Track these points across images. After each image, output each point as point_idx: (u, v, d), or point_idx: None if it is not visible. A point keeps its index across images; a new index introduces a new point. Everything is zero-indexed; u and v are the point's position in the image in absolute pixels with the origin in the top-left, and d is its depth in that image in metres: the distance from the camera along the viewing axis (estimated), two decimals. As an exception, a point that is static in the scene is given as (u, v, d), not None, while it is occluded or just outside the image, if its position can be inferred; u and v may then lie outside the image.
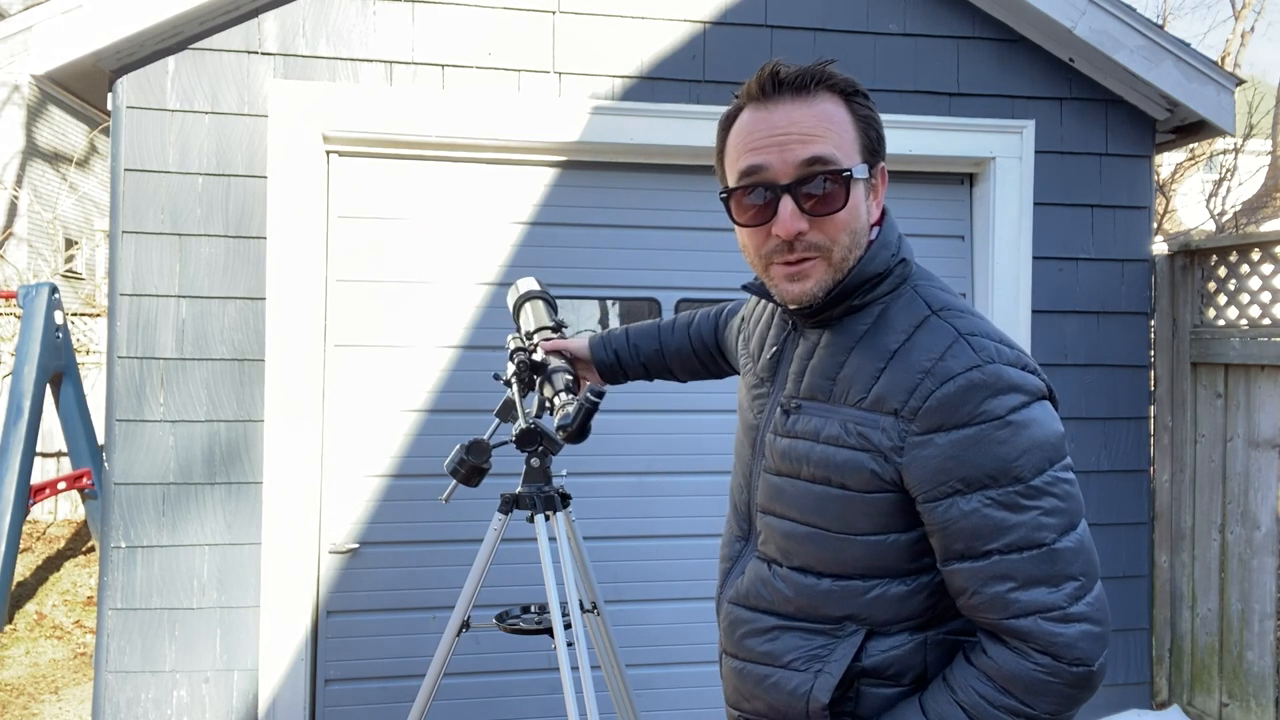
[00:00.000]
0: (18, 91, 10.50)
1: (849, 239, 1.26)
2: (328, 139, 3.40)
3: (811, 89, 1.24)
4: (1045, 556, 1.15)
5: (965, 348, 1.19)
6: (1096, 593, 1.18)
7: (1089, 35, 3.66)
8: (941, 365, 1.18)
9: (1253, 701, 3.65)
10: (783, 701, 1.30)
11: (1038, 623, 1.15)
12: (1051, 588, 1.15)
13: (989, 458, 1.14)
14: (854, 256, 1.27)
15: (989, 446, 1.14)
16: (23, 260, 10.00)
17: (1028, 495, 1.15)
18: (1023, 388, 1.17)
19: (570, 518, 2.44)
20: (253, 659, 3.29)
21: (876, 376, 1.22)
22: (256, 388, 3.30)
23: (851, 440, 1.23)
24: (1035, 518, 1.15)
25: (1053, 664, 1.15)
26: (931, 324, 1.23)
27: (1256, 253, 3.71)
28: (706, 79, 3.58)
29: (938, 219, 3.89)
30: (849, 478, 1.23)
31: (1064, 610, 1.15)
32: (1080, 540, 1.17)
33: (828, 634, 1.28)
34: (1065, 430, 1.22)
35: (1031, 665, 1.16)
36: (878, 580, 1.25)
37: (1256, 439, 3.64)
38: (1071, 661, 1.15)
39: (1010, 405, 1.15)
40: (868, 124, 1.29)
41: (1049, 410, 1.20)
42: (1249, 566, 3.66)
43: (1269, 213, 10.26)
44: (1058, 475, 1.16)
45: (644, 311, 3.72)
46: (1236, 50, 12.01)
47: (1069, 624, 1.15)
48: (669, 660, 3.62)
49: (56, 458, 7.03)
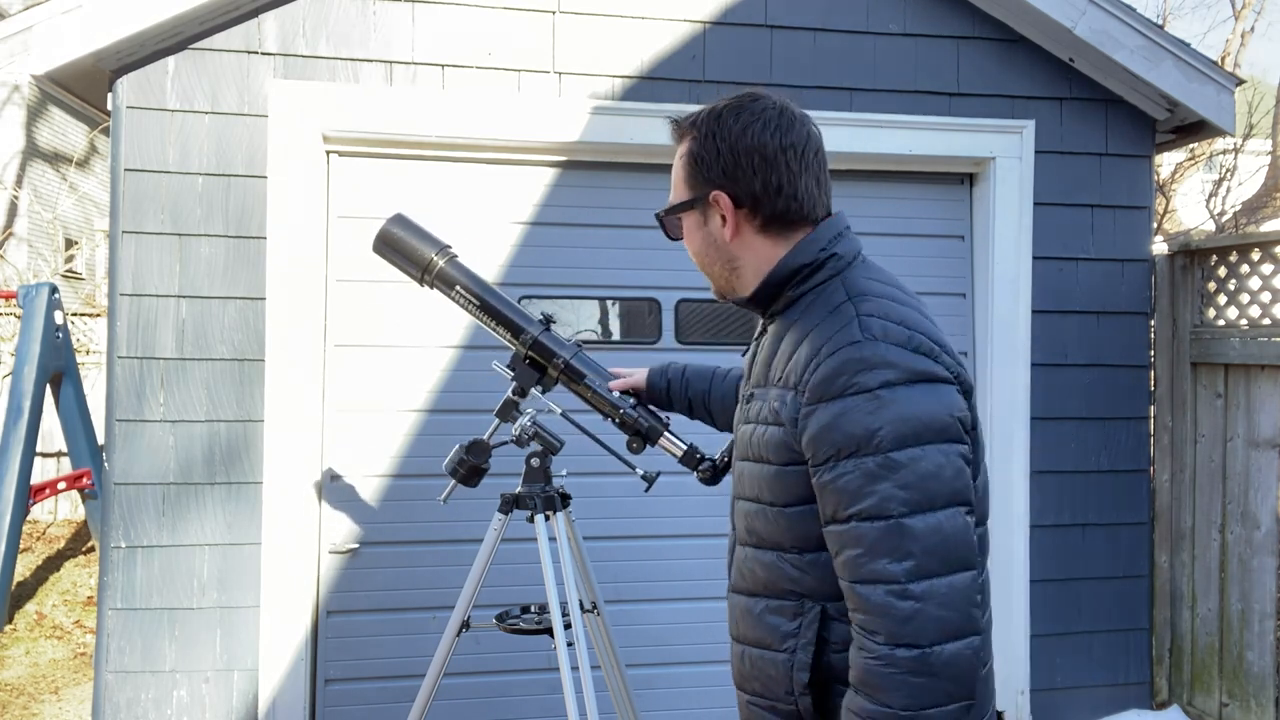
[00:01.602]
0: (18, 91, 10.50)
1: (699, 260, 1.50)
2: (328, 139, 3.40)
3: (677, 141, 1.48)
4: (894, 529, 1.19)
5: (854, 326, 1.28)
6: (949, 582, 1.19)
7: (1089, 35, 3.66)
8: (829, 343, 1.27)
9: (1253, 701, 3.65)
10: (772, 682, 1.38)
11: (876, 590, 1.19)
12: (894, 560, 1.18)
13: (856, 427, 1.21)
14: (714, 268, 1.49)
15: (856, 417, 1.22)
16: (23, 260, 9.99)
17: (885, 467, 1.20)
18: (897, 365, 1.24)
19: (570, 518, 2.45)
20: (253, 659, 3.29)
21: (790, 357, 1.34)
22: (256, 388, 3.30)
23: (771, 416, 1.35)
24: (889, 489, 1.19)
25: (884, 649, 1.18)
26: (841, 308, 1.32)
27: (1256, 253, 3.71)
28: (706, 79, 3.58)
29: (938, 219, 3.89)
30: (772, 452, 1.34)
31: (902, 586, 1.18)
32: (938, 523, 1.20)
33: (793, 613, 1.36)
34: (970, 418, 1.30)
35: (866, 655, 1.20)
36: (812, 553, 1.33)
37: (1256, 439, 3.64)
38: (900, 642, 1.17)
39: (881, 380, 1.22)
40: (693, 162, 1.43)
41: (930, 391, 1.25)
42: (1249, 566, 3.66)
43: (1269, 213, 10.26)
44: (923, 454, 1.20)
45: (644, 311, 3.72)
46: (1236, 50, 12.01)
47: (905, 600, 1.18)
48: (669, 660, 3.62)
49: (56, 458, 7.03)
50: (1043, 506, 3.79)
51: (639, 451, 2.26)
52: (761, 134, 1.38)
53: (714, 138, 1.40)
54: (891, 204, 3.83)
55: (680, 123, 1.46)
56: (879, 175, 3.81)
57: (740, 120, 1.39)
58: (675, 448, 2.21)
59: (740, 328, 3.82)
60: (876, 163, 3.75)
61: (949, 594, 1.19)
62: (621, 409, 2.22)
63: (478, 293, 2.35)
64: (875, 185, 3.83)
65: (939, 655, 1.17)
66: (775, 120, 1.39)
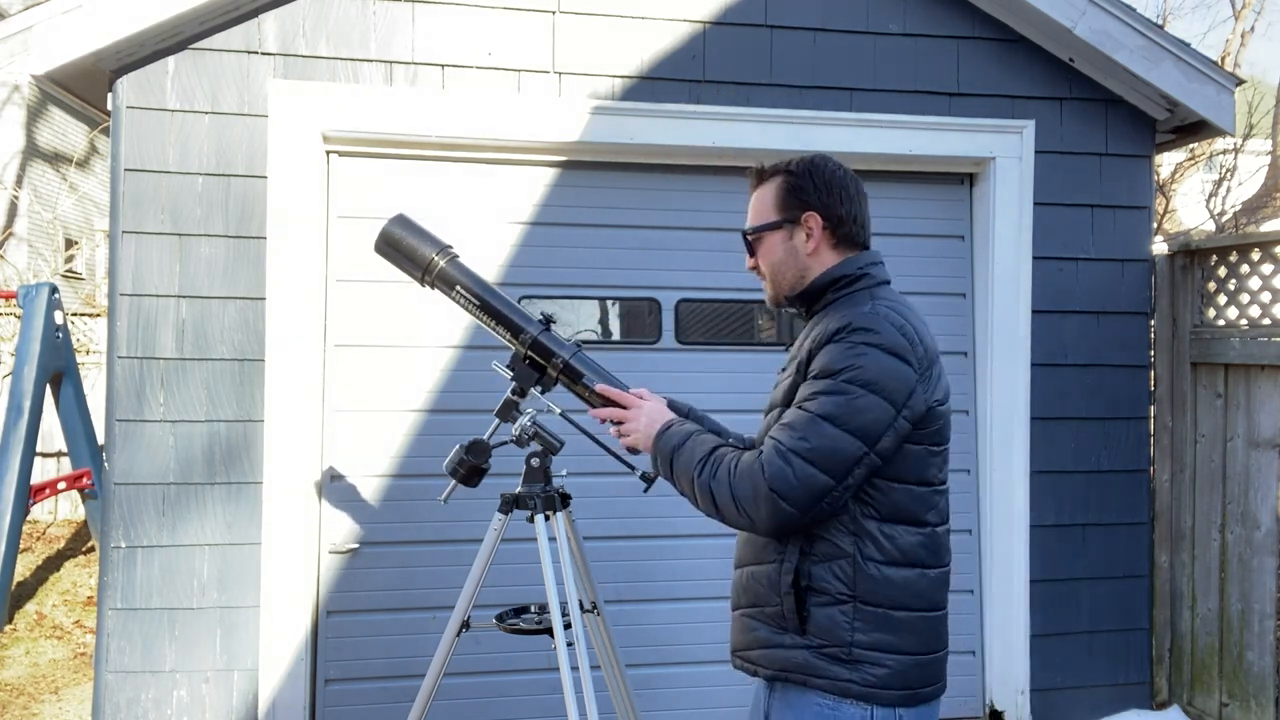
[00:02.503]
0: (18, 91, 10.50)
1: (768, 267, 1.90)
2: (328, 139, 3.40)
3: (759, 181, 1.92)
4: (811, 421, 1.65)
5: (866, 308, 1.74)
6: (813, 471, 1.63)
7: (1089, 35, 3.66)
8: (844, 317, 1.72)
9: (1253, 701, 3.65)
10: (762, 590, 1.78)
11: (769, 441, 1.68)
12: (797, 437, 1.65)
13: (836, 362, 1.67)
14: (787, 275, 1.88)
15: (840, 355, 1.67)
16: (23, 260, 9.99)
17: (836, 389, 1.65)
18: (881, 334, 1.67)
19: (570, 518, 2.45)
20: (253, 659, 3.29)
21: (816, 332, 1.76)
22: (256, 388, 3.30)
23: (792, 370, 1.78)
24: (827, 401, 1.65)
25: (758, 471, 1.67)
26: (859, 306, 1.76)
27: (1256, 253, 3.71)
28: (706, 79, 3.58)
29: (938, 219, 3.89)
30: (782, 395, 1.79)
31: (784, 448, 1.65)
32: (838, 436, 1.63)
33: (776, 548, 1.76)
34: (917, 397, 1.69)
35: (755, 464, 1.68)
36: None
37: (1256, 439, 3.64)
38: (765, 475, 1.65)
39: (864, 339, 1.67)
40: (788, 191, 1.86)
41: (894, 362, 1.66)
42: (1249, 566, 3.66)
43: (1269, 213, 10.25)
44: (863, 394, 1.63)
45: (644, 311, 3.72)
46: (1236, 50, 12.01)
47: (778, 456, 1.65)
48: (669, 660, 3.62)
49: (56, 458, 7.03)
50: (1043, 506, 3.79)
51: (638, 452, 2.25)
52: (844, 176, 1.87)
53: (812, 173, 1.85)
54: (891, 204, 3.83)
55: (766, 167, 1.90)
56: (879, 175, 3.81)
57: (830, 164, 1.88)
58: None
59: (739, 328, 3.82)
60: (876, 163, 3.75)
61: (805, 475, 1.63)
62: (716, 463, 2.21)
63: (478, 293, 2.35)
64: (875, 185, 3.78)
65: (773, 503, 1.64)
66: (848, 171, 1.89)
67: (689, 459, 1.79)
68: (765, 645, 1.78)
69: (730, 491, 1.69)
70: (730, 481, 1.70)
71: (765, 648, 1.78)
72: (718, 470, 1.73)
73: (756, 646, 1.80)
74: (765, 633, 1.78)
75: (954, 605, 3.82)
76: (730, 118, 3.57)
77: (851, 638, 1.68)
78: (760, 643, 1.79)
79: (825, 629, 1.70)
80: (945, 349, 3.80)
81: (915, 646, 1.71)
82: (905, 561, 1.70)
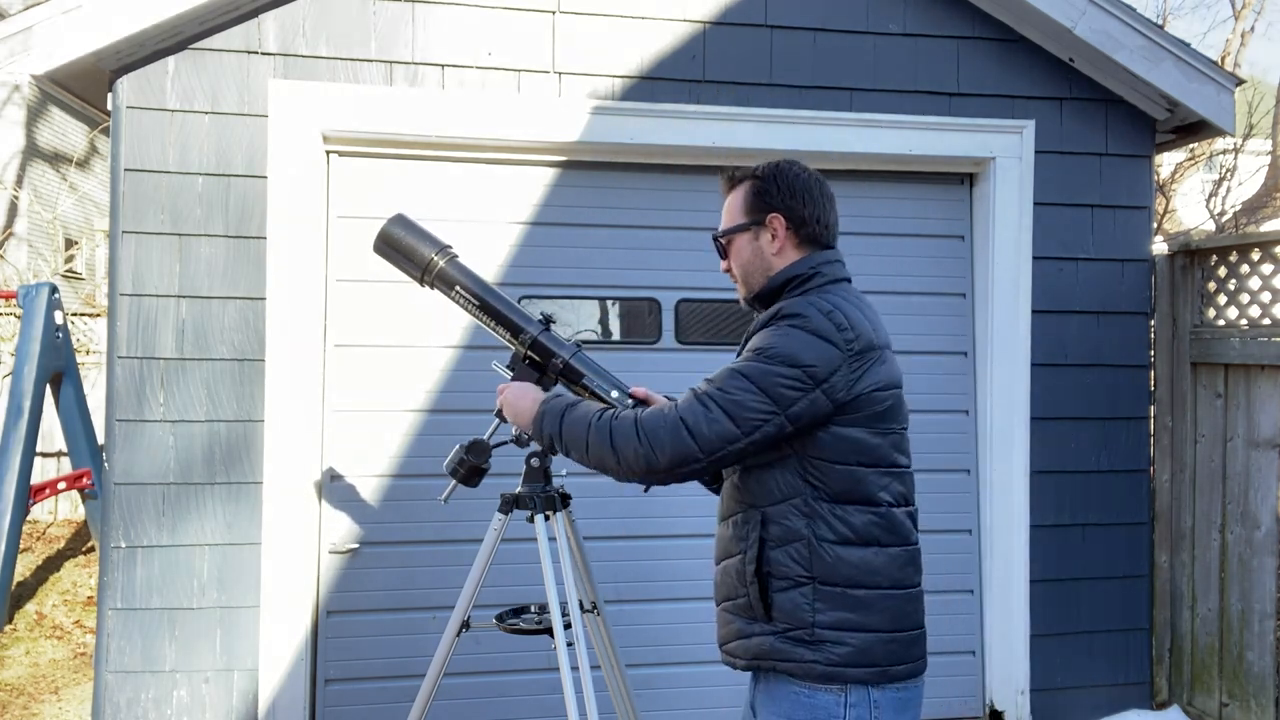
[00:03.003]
0: (18, 91, 10.49)
1: (739, 269, 1.98)
2: (328, 139, 3.40)
3: (730, 187, 2.01)
4: (729, 374, 1.76)
5: (801, 300, 1.83)
6: (715, 419, 1.73)
7: (1089, 35, 3.66)
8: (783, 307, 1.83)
9: (1253, 701, 3.65)
10: (733, 581, 1.85)
11: (690, 391, 1.80)
12: (710, 384, 1.76)
13: (764, 340, 1.78)
14: (756, 275, 1.95)
15: (770, 336, 1.78)
16: (23, 260, 9.98)
17: (758, 358, 1.75)
18: (807, 317, 1.77)
19: (570, 518, 2.45)
20: (253, 659, 3.29)
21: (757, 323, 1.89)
22: (256, 388, 3.30)
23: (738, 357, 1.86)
24: (748, 364, 1.75)
25: (669, 408, 1.78)
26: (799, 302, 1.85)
27: (1256, 253, 3.71)
28: (706, 79, 3.58)
29: (938, 219, 3.89)
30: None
31: (700, 392, 1.77)
32: (747, 390, 1.73)
33: (744, 521, 1.85)
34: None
35: (666, 404, 1.81)
36: (757, 469, 1.82)
37: (1256, 439, 3.64)
38: (677, 410, 1.76)
39: (791, 322, 1.77)
40: (753, 195, 1.95)
41: (813, 341, 1.75)
42: (1249, 566, 3.66)
43: (1269, 213, 10.25)
44: (778, 368, 1.72)
45: (644, 311, 3.72)
46: (1236, 50, 12.01)
47: (694, 398, 1.77)
48: (669, 660, 3.62)
49: (56, 458, 7.02)
50: (1043, 506, 3.79)
51: None
52: (809, 179, 1.95)
53: (777, 177, 1.93)
54: (891, 204, 3.83)
55: (736, 172, 1.99)
56: (879, 175, 3.81)
57: (794, 169, 1.95)
58: None
59: (739, 328, 3.81)
60: (876, 163, 3.75)
61: (714, 419, 1.73)
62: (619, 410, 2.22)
63: (477, 293, 2.35)
64: (875, 185, 3.83)
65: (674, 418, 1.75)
66: (813, 174, 1.97)
67: (585, 410, 1.88)
68: (739, 636, 1.84)
69: (634, 424, 1.77)
70: (635, 417, 1.78)
71: (740, 639, 1.84)
72: (619, 414, 1.83)
73: (733, 639, 1.86)
74: (739, 624, 1.84)
75: (954, 605, 3.85)
76: (730, 118, 3.57)
77: (813, 618, 1.74)
78: (735, 634, 1.85)
79: (788, 612, 1.76)
80: (945, 349, 3.86)
81: (880, 624, 1.76)
82: (859, 540, 1.76)
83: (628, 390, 2.25)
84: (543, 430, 1.94)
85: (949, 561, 3.78)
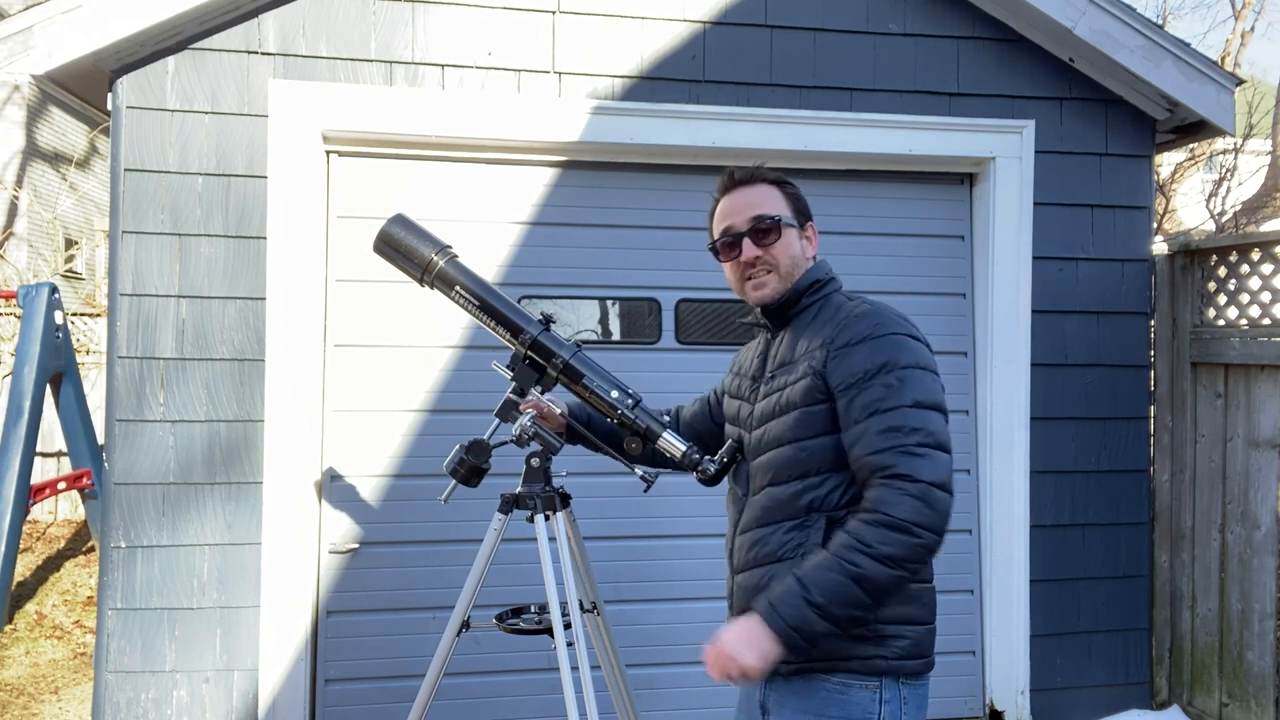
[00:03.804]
0: (18, 91, 10.48)
1: (788, 260, 1.95)
2: (328, 139, 3.40)
3: (753, 181, 2.01)
4: (901, 414, 1.70)
5: (862, 306, 1.87)
6: (944, 461, 1.69)
7: (1089, 35, 3.66)
8: (850, 316, 1.84)
9: (1253, 701, 3.65)
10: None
11: (881, 456, 1.69)
12: (904, 434, 1.69)
13: (879, 356, 1.75)
14: (797, 272, 1.95)
15: (877, 351, 1.76)
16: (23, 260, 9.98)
17: (901, 380, 1.73)
18: (894, 324, 1.79)
19: (570, 518, 2.45)
20: (253, 659, 3.29)
21: (818, 333, 1.87)
22: (256, 388, 3.30)
23: (800, 372, 1.84)
24: (905, 392, 1.72)
25: (900, 482, 1.67)
26: (845, 304, 1.91)
27: (1256, 253, 3.71)
28: (706, 79, 3.58)
29: (938, 219, 3.89)
30: (800, 397, 1.83)
31: (909, 446, 1.68)
32: (932, 415, 1.71)
33: (799, 526, 1.81)
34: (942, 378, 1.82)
35: (887, 487, 1.68)
36: (826, 474, 1.80)
37: (1256, 439, 3.64)
38: (923, 479, 1.66)
39: (890, 330, 1.78)
40: (794, 198, 2.00)
41: (917, 344, 1.79)
42: (1249, 566, 3.66)
43: (1269, 213, 10.25)
44: (921, 375, 1.74)
45: (644, 311, 3.72)
46: (1236, 50, 12.01)
47: (912, 456, 1.67)
48: (669, 660, 3.62)
49: (56, 458, 7.02)
50: (1043, 506, 3.79)
51: (638, 452, 2.26)
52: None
53: (799, 196, 2.01)
54: (891, 204, 3.83)
55: (766, 171, 2.02)
56: (879, 175, 3.81)
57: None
58: (674, 448, 2.20)
59: (739, 328, 3.81)
60: (876, 163, 3.75)
61: (943, 459, 1.69)
62: (620, 409, 2.22)
63: (477, 293, 2.35)
64: (875, 185, 3.82)
65: (939, 498, 1.66)
66: None
67: (817, 575, 1.67)
68: None
69: (884, 525, 1.65)
70: (882, 529, 1.65)
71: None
72: (850, 549, 1.66)
73: None
74: None
75: (954, 605, 3.85)
76: (730, 118, 3.57)
77: (875, 614, 1.72)
78: None
79: None
80: (945, 349, 3.86)
81: (926, 616, 1.82)
82: None
83: (628, 390, 2.25)
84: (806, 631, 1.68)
85: (949, 561, 3.76)
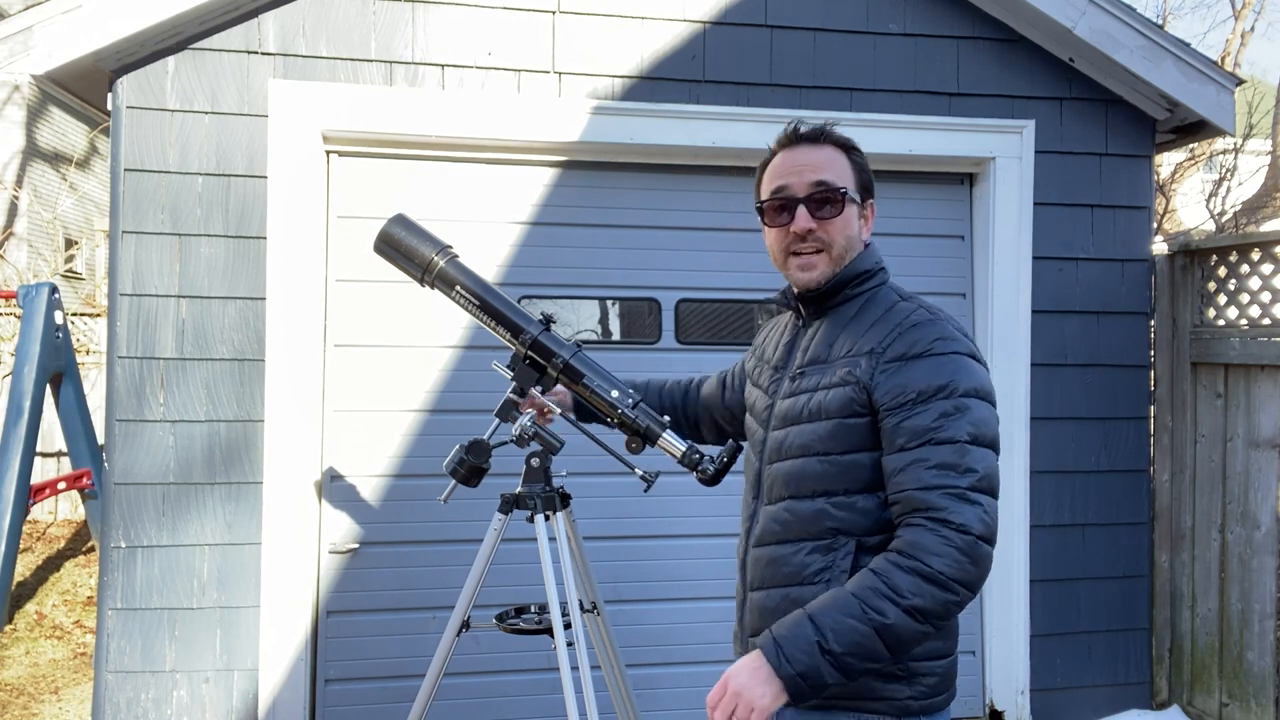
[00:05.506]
0: (18, 91, 10.49)
1: (844, 240, 1.75)
2: (328, 139, 3.40)
3: (820, 140, 1.79)
4: (958, 450, 1.52)
5: (923, 312, 1.68)
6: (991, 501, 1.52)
7: (1089, 35, 3.66)
8: (906, 322, 1.65)
9: (1253, 701, 3.65)
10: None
11: (927, 494, 1.51)
12: (959, 475, 1.51)
13: (936, 378, 1.57)
14: (849, 256, 1.75)
15: (935, 371, 1.57)
16: (23, 260, 9.98)
17: (958, 408, 1.55)
18: (961, 342, 1.62)
19: (570, 518, 2.45)
20: (253, 659, 3.29)
21: (862, 335, 1.67)
22: (256, 388, 3.30)
23: (838, 379, 1.65)
24: (960, 423, 1.54)
25: (947, 530, 1.48)
26: (899, 305, 1.71)
27: (1256, 253, 3.71)
28: (706, 79, 3.58)
29: (938, 219, 3.89)
30: (834, 407, 1.64)
31: (962, 490, 1.50)
32: (986, 454, 1.54)
33: (826, 549, 1.64)
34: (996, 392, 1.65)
35: (931, 531, 1.49)
36: (857, 494, 1.63)
37: (1256, 439, 3.64)
38: (975, 530, 1.48)
39: (952, 348, 1.60)
40: (860, 170, 1.81)
41: (979, 367, 1.62)
42: (1249, 566, 3.66)
43: (1269, 213, 10.25)
44: (980, 405, 1.57)
45: (644, 311, 3.72)
46: (1236, 50, 12.01)
47: (964, 503, 1.50)
48: (669, 660, 3.62)
49: (56, 458, 7.02)
50: (1043, 506, 3.79)
51: (638, 451, 2.26)
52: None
53: (866, 168, 1.83)
54: (891, 204, 3.83)
55: (836, 134, 1.81)
56: (879, 175, 3.73)
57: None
58: (674, 448, 2.21)
59: (739, 328, 3.82)
60: (876, 163, 3.67)
61: (991, 506, 1.52)
62: (620, 409, 2.22)
63: (478, 292, 2.35)
64: (875, 185, 3.81)
65: (984, 551, 1.49)
66: None
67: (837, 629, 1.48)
68: None
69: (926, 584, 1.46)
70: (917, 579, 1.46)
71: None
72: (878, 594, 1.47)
73: None
74: None
75: (954, 605, 3.84)
76: (730, 118, 3.57)
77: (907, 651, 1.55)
78: None
79: None
80: (945, 349, 3.85)
81: (952, 647, 1.66)
82: None
83: (628, 390, 2.25)
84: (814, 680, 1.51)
85: (949, 561, 3.78)
